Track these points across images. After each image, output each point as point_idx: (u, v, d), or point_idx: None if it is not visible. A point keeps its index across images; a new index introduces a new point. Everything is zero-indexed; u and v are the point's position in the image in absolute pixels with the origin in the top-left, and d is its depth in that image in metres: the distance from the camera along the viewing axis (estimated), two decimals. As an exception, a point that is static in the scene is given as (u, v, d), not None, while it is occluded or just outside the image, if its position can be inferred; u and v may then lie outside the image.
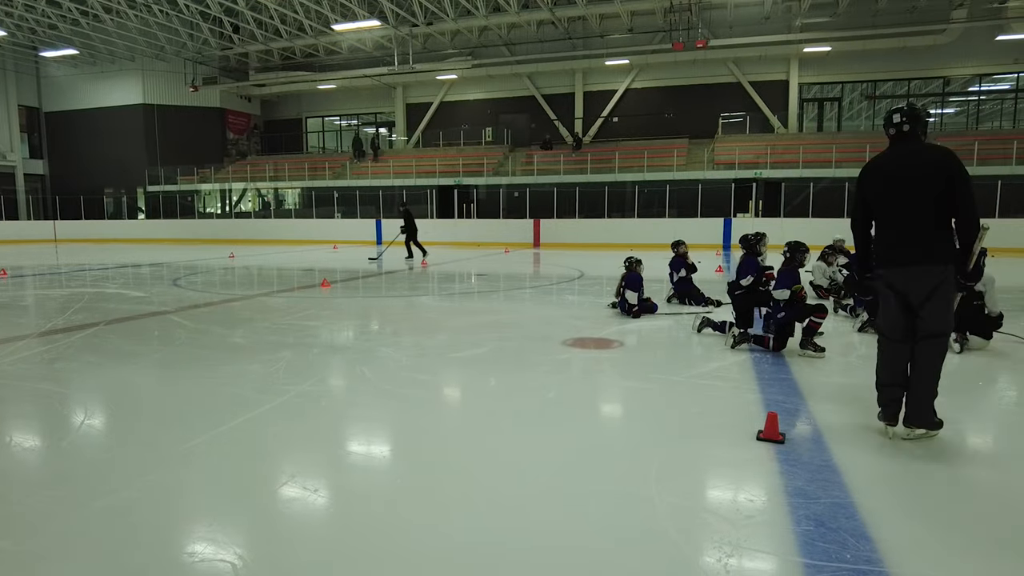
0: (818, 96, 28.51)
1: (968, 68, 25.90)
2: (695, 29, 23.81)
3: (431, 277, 12.59)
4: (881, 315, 3.60)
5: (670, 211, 23.81)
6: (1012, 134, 23.57)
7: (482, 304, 8.93)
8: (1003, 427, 3.89)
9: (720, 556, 2.27)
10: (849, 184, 22.07)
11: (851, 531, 2.43)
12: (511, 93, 30.68)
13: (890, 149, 3.52)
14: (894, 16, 23.72)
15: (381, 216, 26.72)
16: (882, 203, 3.46)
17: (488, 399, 4.38)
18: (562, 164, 26.25)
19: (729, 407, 4.05)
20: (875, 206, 3.50)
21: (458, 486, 2.93)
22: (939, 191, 3.24)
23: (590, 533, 2.47)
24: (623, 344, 5.94)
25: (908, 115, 3.43)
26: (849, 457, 3.19)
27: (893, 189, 3.41)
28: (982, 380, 4.93)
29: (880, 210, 3.48)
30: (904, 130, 3.43)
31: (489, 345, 5.98)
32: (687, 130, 27.60)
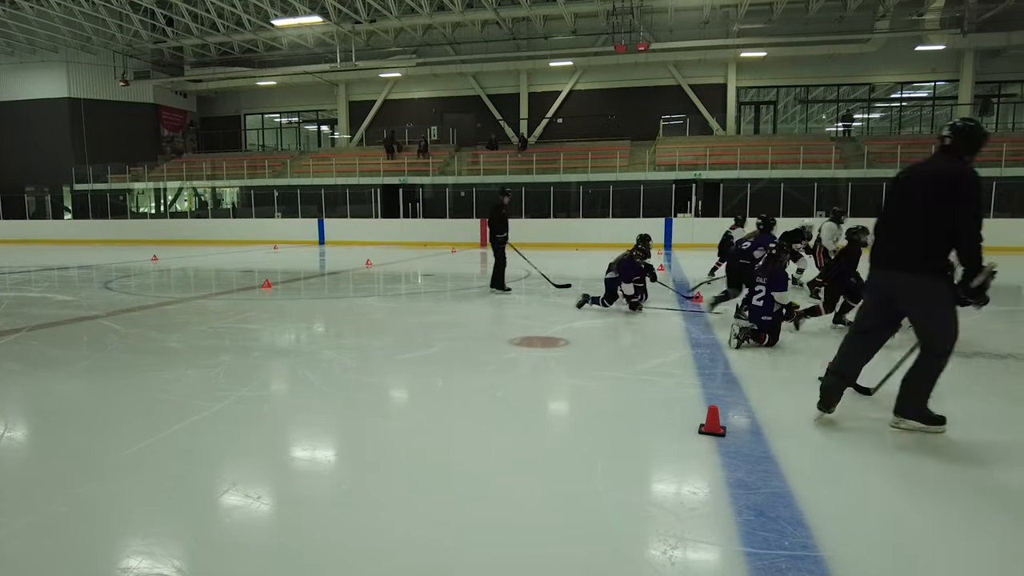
0: (755, 99, 29.49)
1: (891, 76, 27.28)
2: (637, 32, 24.26)
3: (376, 278, 12.42)
4: (861, 303, 3.75)
5: (614, 211, 24.19)
6: (931, 139, 24.89)
7: (429, 304, 8.88)
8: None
9: (665, 548, 2.32)
10: (784, 185, 22.95)
11: (789, 519, 2.52)
12: (456, 92, 30.59)
13: (929, 157, 3.56)
14: (824, 25, 24.76)
15: (323, 215, 26.20)
16: (888, 203, 3.60)
17: (435, 400, 4.35)
18: (508, 164, 26.32)
19: (672, 402, 4.15)
20: (884, 204, 3.65)
21: (404, 489, 2.90)
22: (935, 211, 3.28)
23: (538, 531, 2.49)
24: (569, 342, 6.00)
25: (954, 130, 3.43)
26: (786, 448, 3.31)
27: (898, 193, 3.52)
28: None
29: (885, 209, 3.62)
30: (946, 143, 3.45)
31: (436, 346, 5.95)
32: (629, 132, 28.10)
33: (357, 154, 29.17)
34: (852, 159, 24.26)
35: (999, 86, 26.94)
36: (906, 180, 3.53)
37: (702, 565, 2.24)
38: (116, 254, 19.42)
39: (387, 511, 2.67)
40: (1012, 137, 24.53)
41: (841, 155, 24.40)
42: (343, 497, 2.82)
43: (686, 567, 2.21)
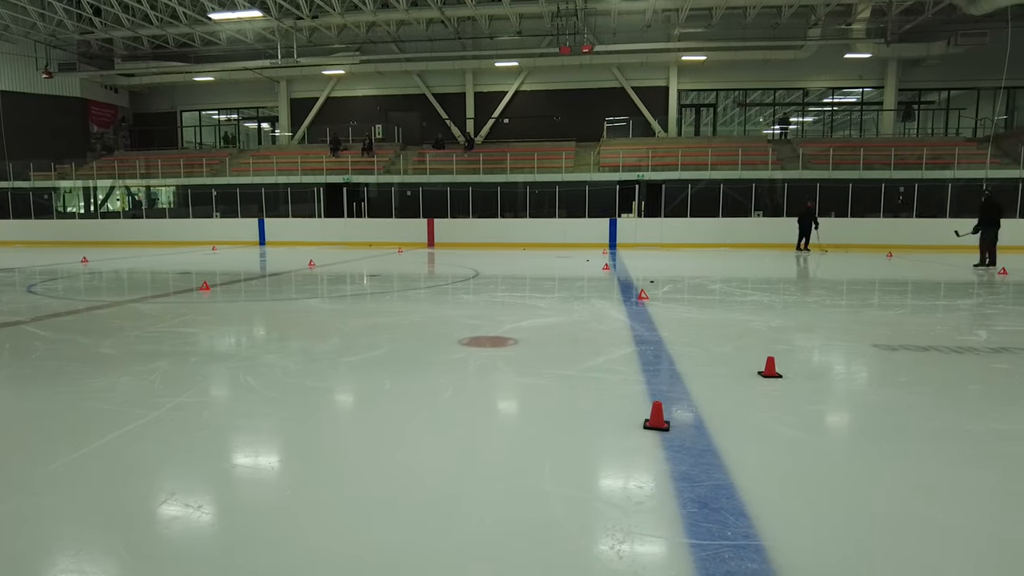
0: (695, 102, 30.27)
1: (823, 81, 28.46)
2: (581, 34, 24.57)
3: (320, 279, 12.19)
4: None
5: (560, 211, 24.43)
6: (859, 142, 26.13)
7: (375, 305, 8.76)
8: (863, 406, 4.31)
9: (613, 543, 2.36)
10: (724, 185, 23.64)
11: (731, 510, 2.60)
12: (401, 90, 30.32)
13: None
14: (760, 31, 25.64)
15: (264, 215, 25.53)
16: None
17: (383, 402, 4.30)
18: (455, 164, 26.24)
19: (618, 398, 4.22)
20: None
21: (350, 492, 2.86)
22: None
23: (488, 531, 2.49)
24: (518, 342, 6.03)
25: None
26: (728, 441, 3.41)
27: None
28: (857, 366, 5.44)
29: None
30: None
31: (383, 347, 5.88)
32: (574, 133, 28.43)
33: (299, 152, 28.55)
34: (788, 160, 25.19)
35: (919, 93, 28.45)
36: None
37: (649, 558, 2.29)
38: (41, 256, 18.44)
39: (333, 515, 2.63)
40: (932, 142, 25.94)
41: (777, 156, 25.30)
42: (288, 503, 2.76)
43: (633, 560, 2.25)
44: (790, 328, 6.94)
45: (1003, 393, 4.45)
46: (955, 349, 5.71)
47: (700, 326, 7.00)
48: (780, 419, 3.85)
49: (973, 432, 3.61)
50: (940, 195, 22.75)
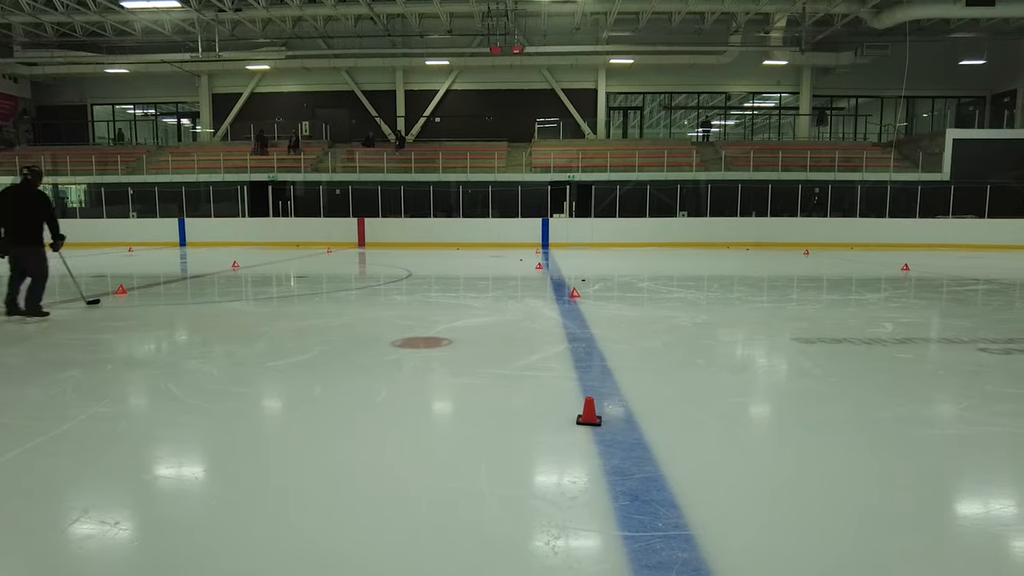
0: (623, 105, 30.95)
1: (744, 86, 29.66)
2: (512, 35, 24.69)
3: (245, 281, 11.77)
4: None
5: (493, 211, 24.49)
6: (778, 145, 27.38)
7: (304, 308, 8.54)
8: (783, 397, 4.52)
9: (548, 539, 2.39)
10: (651, 187, 24.29)
11: (661, 501, 2.68)
12: (329, 87, 29.63)
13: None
14: (684, 35, 26.46)
15: (184, 215, 24.43)
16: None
17: (314, 407, 4.20)
18: (385, 162, 25.87)
19: (551, 395, 4.27)
20: None
21: (280, 501, 2.78)
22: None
23: (425, 533, 2.48)
24: (452, 342, 6.01)
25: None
26: (657, 434, 3.51)
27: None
28: (777, 359, 5.68)
29: None
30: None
31: (313, 351, 5.74)
32: (506, 133, 28.56)
33: (222, 149, 27.46)
34: (711, 163, 26.13)
35: (831, 100, 30.06)
36: None
37: (583, 552, 2.33)
38: (-68, 259, 17.01)
39: (262, 524, 2.55)
40: (843, 146, 27.48)
41: (701, 158, 26.20)
42: (214, 514, 2.66)
43: (568, 555, 2.28)
44: (714, 323, 7.20)
45: (906, 381, 4.77)
46: (865, 341, 6.07)
47: (630, 323, 7.17)
48: (706, 411, 3.99)
49: (881, 418, 3.84)
50: (851, 196, 24.14)
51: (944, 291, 10.25)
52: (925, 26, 25.26)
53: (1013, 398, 4.25)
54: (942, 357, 5.67)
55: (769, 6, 22.89)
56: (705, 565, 2.20)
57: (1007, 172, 23.98)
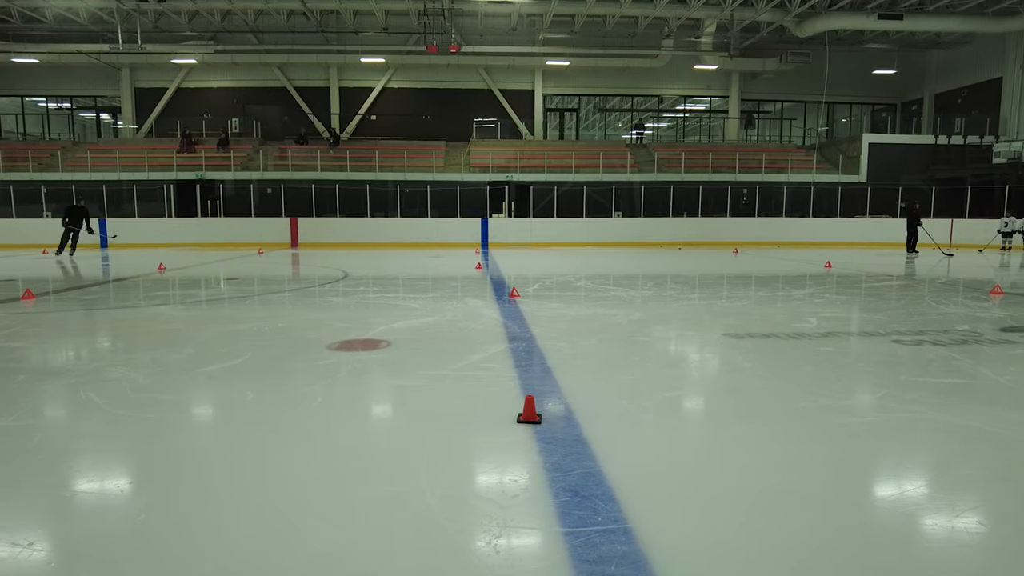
0: (559, 107, 31.30)
1: (676, 90, 30.49)
2: (448, 34, 24.59)
3: (171, 284, 11.29)
4: None
5: (432, 211, 24.33)
6: (708, 147, 28.30)
7: (235, 311, 8.26)
8: (716, 390, 4.67)
9: (490, 538, 2.39)
10: (587, 188, 24.66)
11: (601, 496, 2.73)
12: (261, 83, 28.77)
13: None
14: (618, 39, 27.00)
15: (106, 215, 23.22)
16: None
17: (246, 413, 4.06)
18: (319, 160, 25.31)
19: (492, 395, 4.28)
20: None
21: (212, 511, 2.67)
22: None
23: (365, 538, 2.44)
24: (391, 343, 5.93)
25: None
26: (596, 430, 3.57)
27: None
28: (709, 353, 5.86)
29: None
30: None
31: (245, 355, 5.55)
32: (444, 133, 28.42)
33: (146, 146, 26.25)
34: (644, 164, 26.75)
35: (758, 104, 31.29)
36: None
37: (525, 550, 2.34)
38: None
39: (193, 537, 2.45)
40: (769, 148, 28.64)
41: (635, 160, 26.79)
42: (141, 528, 2.54)
43: (510, 553, 2.29)
44: (648, 320, 7.38)
45: (829, 372, 5.01)
46: (791, 335, 6.35)
47: (568, 321, 7.26)
48: (642, 405, 4.09)
49: (806, 408, 4.03)
50: (777, 197, 25.19)
51: (862, 287, 10.82)
52: (843, 36, 26.64)
53: (923, 386, 4.53)
54: (860, 349, 5.99)
55: (699, 12, 23.62)
56: (643, 557, 2.25)
57: (916, 174, 25.57)
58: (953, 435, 3.56)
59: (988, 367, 5.10)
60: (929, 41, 27.49)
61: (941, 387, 4.53)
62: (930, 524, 2.57)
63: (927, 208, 24.59)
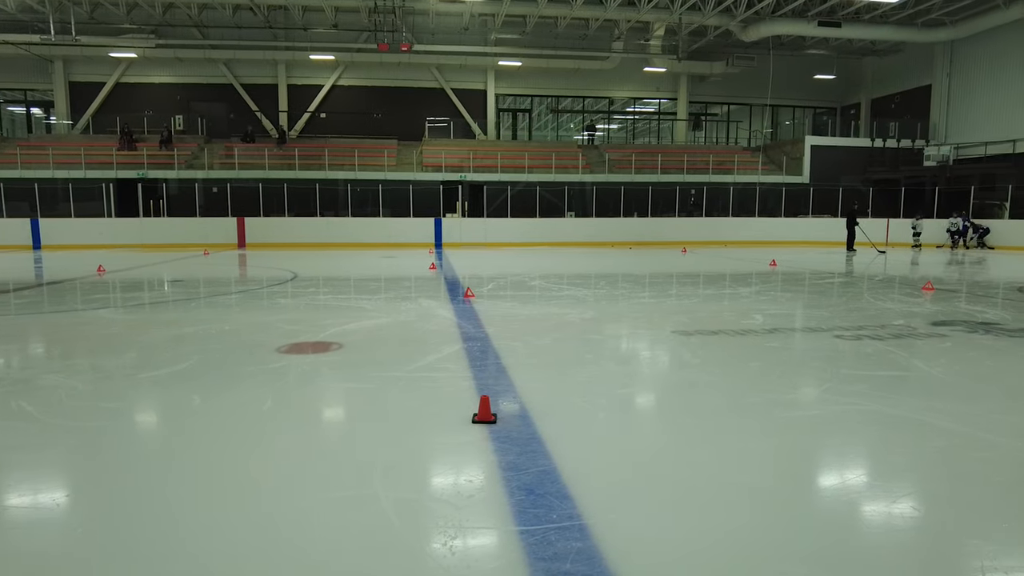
0: (512, 107, 31.38)
1: (626, 91, 30.94)
2: (399, 32, 24.37)
3: (112, 286, 10.86)
4: None
5: (384, 210, 24.07)
6: (658, 149, 28.81)
7: (180, 314, 8.00)
8: (666, 386, 4.76)
9: (445, 540, 2.38)
10: (540, 188, 24.80)
11: (556, 494, 2.75)
12: (206, 79, 27.92)
13: None
14: (570, 41, 27.24)
15: (38, 215, 22.15)
16: None
17: (192, 420, 3.94)
18: (267, 159, 24.73)
19: (446, 396, 4.26)
20: None
21: (157, 522, 2.59)
22: None
23: (319, 544, 2.40)
24: (343, 346, 5.85)
25: None
26: (551, 428, 3.60)
27: None
28: (660, 351, 5.96)
29: None
30: None
31: (191, 359, 5.39)
32: (396, 131, 28.15)
33: (83, 143, 25.15)
34: (595, 165, 27.06)
35: (706, 106, 32.02)
36: None
37: (481, 550, 2.35)
38: None
39: (137, 550, 2.36)
40: (716, 150, 29.34)
41: (587, 161, 27.08)
42: (81, 543, 2.43)
43: (466, 554, 2.29)
44: (601, 319, 7.47)
45: (775, 368, 5.17)
46: (738, 332, 6.52)
47: (522, 321, 7.30)
48: (596, 403, 4.14)
49: (754, 403, 4.15)
50: (724, 197, 25.84)
51: (806, 284, 11.20)
52: (785, 42, 27.50)
53: (863, 379, 4.73)
54: (804, 345, 6.20)
55: (648, 15, 24.02)
56: (598, 552, 2.28)
57: (855, 175, 26.63)
58: (890, 425, 3.72)
59: (921, 360, 5.35)
60: (865, 49, 28.64)
61: (879, 380, 4.73)
62: (869, 511, 2.68)
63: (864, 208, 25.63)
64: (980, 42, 24.88)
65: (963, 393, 4.41)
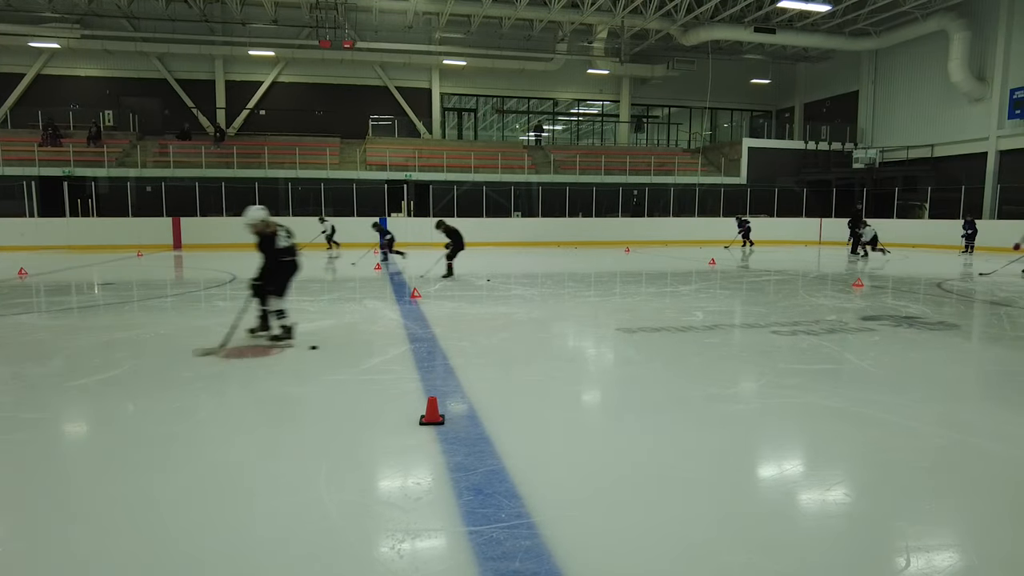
0: (457, 106, 31.26)
1: (570, 93, 31.24)
2: (342, 29, 23.95)
3: (36, 290, 10.29)
4: None
5: (326, 210, 23.59)
6: (601, 150, 29.22)
7: (111, 319, 7.64)
8: (611, 383, 4.83)
9: (393, 543, 2.36)
10: (486, 188, 24.80)
11: (504, 493, 2.76)
12: (137, 73, 26.75)
13: None
14: (515, 41, 27.34)
15: (-49, 215, 20.76)
16: None
17: (126, 428, 3.77)
18: (204, 157, 23.90)
19: (393, 398, 4.22)
20: None
21: (92, 535, 2.47)
22: None
23: (263, 553, 2.33)
24: (284, 349, 5.71)
25: None
26: (499, 427, 3.60)
27: None
28: (605, 348, 6.04)
29: None
30: None
31: (123, 366, 5.16)
32: (339, 129, 27.64)
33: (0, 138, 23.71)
34: (541, 165, 27.24)
35: (647, 109, 32.64)
36: None
37: (429, 552, 2.33)
38: None
39: (72, 565, 2.25)
40: (657, 151, 29.97)
41: (533, 161, 27.22)
42: (8, 561, 2.30)
43: (414, 557, 2.27)
44: (548, 318, 7.53)
45: (715, 363, 5.32)
46: (680, 328, 6.68)
47: (470, 321, 7.28)
48: (543, 401, 4.17)
49: (695, 397, 4.26)
50: (665, 198, 26.41)
51: (744, 282, 11.56)
52: (724, 46, 28.31)
53: (799, 373, 4.91)
54: (743, 340, 6.40)
55: (592, 18, 24.32)
56: (546, 550, 2.30)
57: (790, 176, 27.67)
58: (824, 417, 3.88)
59: (852, 353, 5.60)
60: (798, 55, 29.75)
61: (814, 373, 4.93)
62: (805, 499, 2.79)
63: (799, 208, 26.65)
64: (901, 52, 26.24)
65: (890, 384, 4.64)
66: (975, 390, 4.79)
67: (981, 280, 11.68)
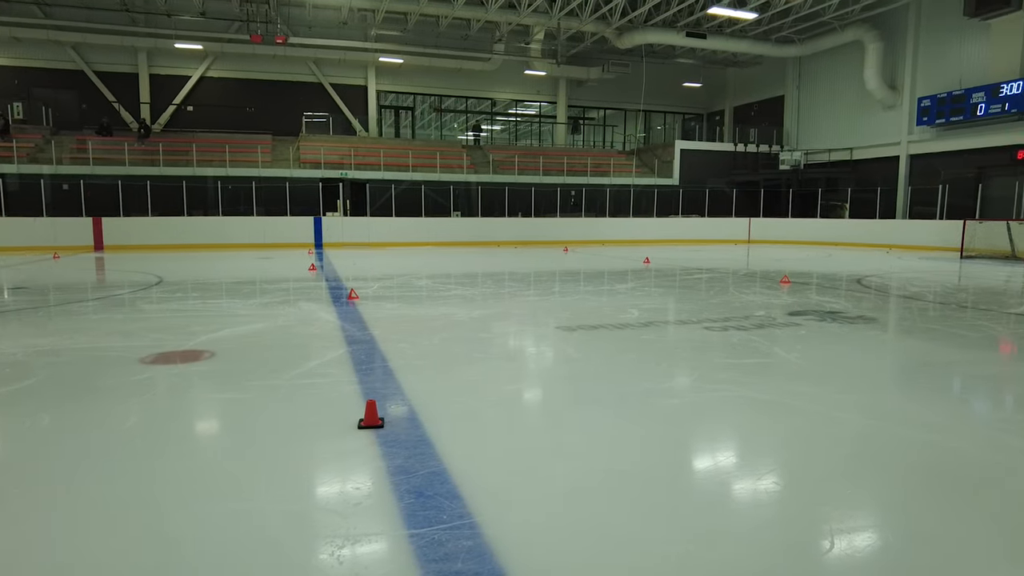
0: (394, 104, 30.91)
1: (508, 93, 31.39)
2: (274, 24, 23.31)
3: (-62, 294, 9.57)
4: None
5: (258, 209, 22.92)
6: (539, 151, 29.48)
7: (24, 325, 7.19)
8: (551, 380, 4.88)
9: (333, 550, 2.31)
10: (425, 187, 24.60)
11: (445, 494, 2.74)
12: (51, 64, 25.28)
13: None
14: (452, 40, 27.25)
15: None
16: None
17: (41, 441, 3.55)
18: (127, 154, 22.81)
19: (330, 402, 4.13)
20: None
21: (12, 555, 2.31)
22: None
23: (197, 566, 2.24)
24: (215, 354, 5.50)
25: None
26: (440, 429, 3.58)
27: None
28: (544, 346, 6.08)
29: None
30: None
31: (38, 375, 4.86)
32: (271, 126, 26.91)
33: None
34: (480, 165, 27.26)
35: (584, 110, 33.14)
36: None
37: (370, 557, 2.30)
38: None
39: (-25, 590, 2.10)
40: (594, 153, 30.48)
41: (472, 161, 27.21)
42: (-100, 588, 2.13)
43: (355, 563, 2.23)
44: (488, 317, 7.54)
45: (651, 359, 5.45)
46: (617, 326, 6.81)
47: (410, 321, 7.21)
48: (484, 400, 4.17)
49: (632, 392, 4.35)
50: (601, 198, 26.87)
51: (677, 280, 11.89)
52: (657, 50, 29.03)
53: (731, 367, 5.09)
54: (677, 336, 6.58)
55: (529, 19, 24.50)
56: (488, 549, 2.30)
57: (720, 178, 28.64)
58: (756, 409, 4.03)
59: (780, 347, 5.84)
60: (728, 60, 30.84)
61: (745, 367, 5.11)
62: (739, 489, 2.89)
63: (729, 208, 27.59)
64: (822, 60, 27.58)
65: (815, 376, 4.86)
66: (891, 380, 5.08)
67: (895, 276, 12.40)
